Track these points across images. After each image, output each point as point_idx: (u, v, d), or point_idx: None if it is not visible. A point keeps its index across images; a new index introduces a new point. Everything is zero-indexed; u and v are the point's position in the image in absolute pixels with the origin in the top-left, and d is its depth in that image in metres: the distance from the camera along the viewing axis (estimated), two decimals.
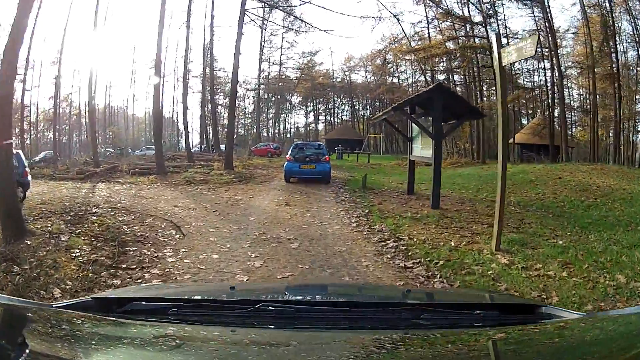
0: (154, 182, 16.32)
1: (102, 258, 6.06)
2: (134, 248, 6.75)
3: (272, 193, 13.01)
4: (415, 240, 7.23)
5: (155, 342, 1.23)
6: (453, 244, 6.89)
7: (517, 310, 1.72)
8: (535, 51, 6.00)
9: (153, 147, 45.55)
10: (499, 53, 6.63)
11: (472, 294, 2.98)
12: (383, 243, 7.18)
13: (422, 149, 11.67)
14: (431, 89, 10.59)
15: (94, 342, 1.20)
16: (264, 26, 45.99)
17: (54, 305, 1.53)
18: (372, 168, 24.00)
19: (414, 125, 12.37)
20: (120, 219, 8.98)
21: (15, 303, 1.55)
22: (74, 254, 6.02)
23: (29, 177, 11.97)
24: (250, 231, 7.95)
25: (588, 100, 38.76)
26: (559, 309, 1.64)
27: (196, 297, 1.76)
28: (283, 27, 44.86)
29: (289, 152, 15.86)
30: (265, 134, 58.08)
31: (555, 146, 29.87)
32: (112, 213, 9.57)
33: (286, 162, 15.62)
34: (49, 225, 7.53)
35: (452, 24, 33.86)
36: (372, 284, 4.81)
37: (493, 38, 7.13)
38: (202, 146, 43.99)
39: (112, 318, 1.42)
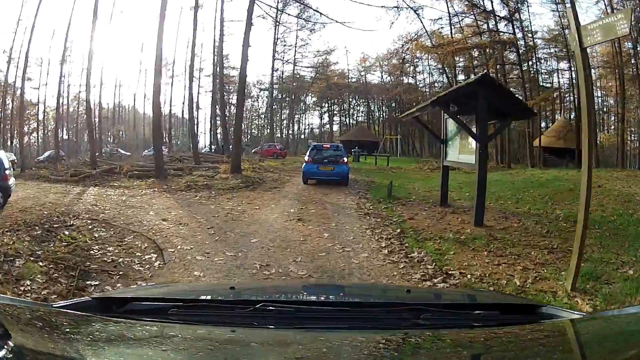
0: (150, 186, 14.70)
1: (53, 296, 4.77)
2: (97, 282, 5.32)
3: (282, 203, 11.19)
4: (469, 276, 5.54)
5: (155, 342, 1.23)
6: (518, 283, 5.33)
7: (517, 310, 1.72)
8: (630, 30, 4.91)
9: (162, 147, 45.15)
10: (579, 32, 4.93)
11: (472, 294, 2.85)
12: (429, 283, 5.32)
13: (460, 153, 9.78)
14: (476, 79, 8.68)
15: (94, 342, 1.19)
16: (277, 21, 44.49)
17: (54, 305, 1.53)
18: (393, 172, 22.04)
19: (448, 125, 10.54)
20: (97, 235, 7.61)
21: (16, 303, 1.58)
22: (22, 287, 4.89)
23: (11, 181, 10.91)
24: (250, 261, 6.10)
25: (606, 103, 37.76)
26: (559, 309, 1.64)
27: (196, 297, 1.77)
28: (297, 17, 43.40)
29: (307, 154, 15.43)
30: (278, 135, 57.18)
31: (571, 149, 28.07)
32: (89, 227, 8.24)
33: (304, 164, 15.17)
34: (11, 243, 6.41)
35: (475, 19, 31.77)
36: (372, 284, 4.77)
37: (569, 14, 5.28)
38: (213, 147, 43.22)
39: (112, 318, 1.40)
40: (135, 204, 11.11)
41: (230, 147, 39.50)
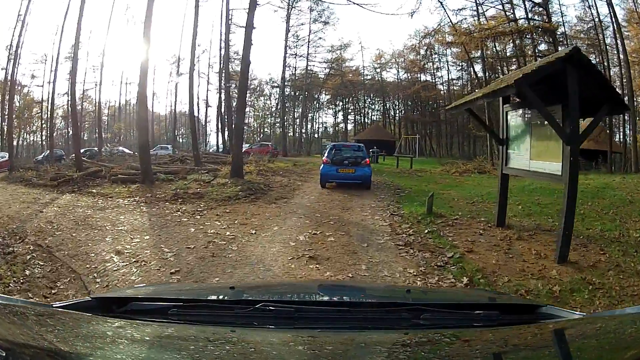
0: (131, 194, 12.21)
1: None
2: None
3: (288, 223, 8.40)
4: None
5: (155, 342, 1.22)
6: None
7: (517, 310, 1.72)
8: None
9: (167, 146, 43.18)
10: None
11: (472, 294, 2.87)
12: None
13: (535, 158, 7.11)
14: (565, 55, 5.92)
15: (94, 342, 1.19)
16: (290, 6, 41.86)
17: (54, 305, 1.53)
18: (418, 176, 19.28)
19: (510, 120, 7.91)
20: (28, 273, 5.81)
21: (15, 303, 1.52)
22: None
23: None
24: None
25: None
26: (559, 309, 1.64)
27: (196, 297, 1.76)
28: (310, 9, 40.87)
29: (325, 154, 14.09)
30: (291, 134, 55.40)
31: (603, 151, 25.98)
32: (28, 257, 6.50)
33: (322, 165, 13.78)
34: None
35: (502, 8, 28.70)
36: (372, 284, 4.68)
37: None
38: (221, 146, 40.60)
39: (112, 318, 1.40)
40: (98, 221, 8.68)
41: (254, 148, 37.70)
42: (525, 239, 7.19)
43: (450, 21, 29.90)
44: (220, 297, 1.80)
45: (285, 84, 50.23)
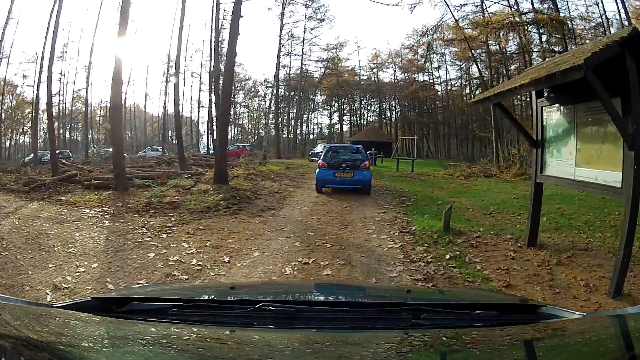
0: (101, 203, 10.67)
1: None
2: None
3: (273, 246, 6.72)
4: None
5: (155, 342, 1.21)
6: None
7: (517, 310, 1.70)
8: None
9: (157, 147, 41.84)
10: None
11: (472, 294, 2.81)
12: None
13: (582, 164, 5.69)
14: (626, 37, 4.50)
15: (94, 342, 1.18)
16: (284, 4, 40.59)
17: (54, 305, 1.53)
18: (421, 180, 17.88)
19: (547, 118, 6.53)
20: None
21: (15, 303, 1.52)
22: None
23: None
24: None
25: None
26: (559, 309, 1.62)
27: (196, 297, 1.74)
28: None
29: (321, 157, 13.15)
30: (285, 135, 54.59)
31: None
32: None
33: (318, 169, 12.94)
34: None
35: (507, 3, 27.24)
36: (372, 284, 4.65)
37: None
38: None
39: (112, 318, 1.41)
40: (50, 239, 7.17)
41: (231, 148, 36.14)
42: (566, 264, 5.89)
43: (453, 16, 28.54)
44: (220, 297, 1.77)
45: (280, 84, 48.91)
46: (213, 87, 32.92)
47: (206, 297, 1.77)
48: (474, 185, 15.71)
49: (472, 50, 27.86)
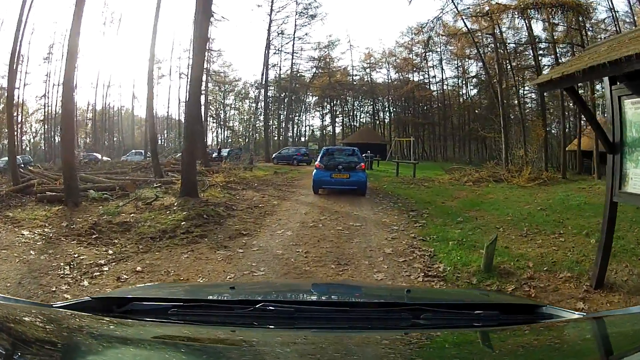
0: (45, 222, 8.67)
1: None
2: None
3: None
4: None
5: (155, 342, 1.21)
6: None
7: (517, 310, 1.67)
8: None
9: (141, 152, 39.63)
10: None
11: (472, 294, 2.78)
12: None
13: None
14: None
15: (94, 342, 1.18)
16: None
17: (54, 305, 1.51)
18: (426, 187, 15.74)
19: (630, 114, 4.63)
20: None
21: (15, 303, 1.53)
22: None
23: None
24: None
25: None
26: (559, 309, 1.60)
27: (196, 297, 1.73)
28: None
29: (318, 159, 13.57)
30: (276, 137, 52.89)
31: None
32: None
33: (315, 171, 13.24)
34: None
35: None
36: (372, 284, 4.54)
37: None
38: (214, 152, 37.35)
39: (112, 318, 1.40)
40: None
41: (223, 151, 34.10)
42: None
43: (456, 7, 26.51)
44: (220, 297, 1.75)
45: (269, 84, 46.96)
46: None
47: (206, 297, 1.74)
48: (488, 193, 13.69)
49: (477, 44, 25.85)
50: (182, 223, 7.78)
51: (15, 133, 43.13)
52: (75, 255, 6.31)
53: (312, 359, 1.11)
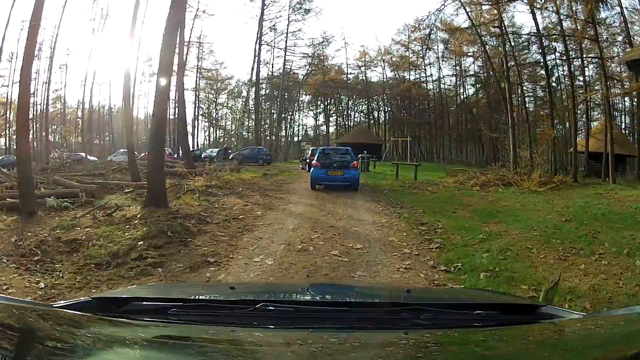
0: None
1: None
2: None
3: None
4: None
5: (155, 342, 1.21)
6: None
7: (517, 310, 1.67)
8: None
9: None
10: None
11: (472, 294, 2.73)
12: None
13: None
14: None
15: (94, 342, 1.18)
16: None
17: (54, 305, 1.52)
18: (431, 192, 14.22)
19: None
20: None
21: (15, 303, 1.53)
22: None
23: None
24: None
25: None
26: (559, 309, 1.61)
27: (196, 297, 1.74)
28: None
29: (315, 158, 14.96)
30: (268, 137, 51.01)
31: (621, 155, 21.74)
32: None
33: (312, 168, 14.79)
34: None
35: None
36: (372, 284, 4.59)
37: None
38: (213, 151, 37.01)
39: (112, 318, 1.38)
40: None
41: (213, 151, 32.62)
42: None
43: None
44: (220, 297, 1.73)
45: (261, 81, 45.58)
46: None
47: (206, 297, 1.74)
48: (501, 199, 12.27)
49: (482, 38, 24.46)
50: (139, 243, 6.22)
51: (6, 132, 41.95)
52: (5, 287, 4.93)
53: (311, 359, 1.11)
